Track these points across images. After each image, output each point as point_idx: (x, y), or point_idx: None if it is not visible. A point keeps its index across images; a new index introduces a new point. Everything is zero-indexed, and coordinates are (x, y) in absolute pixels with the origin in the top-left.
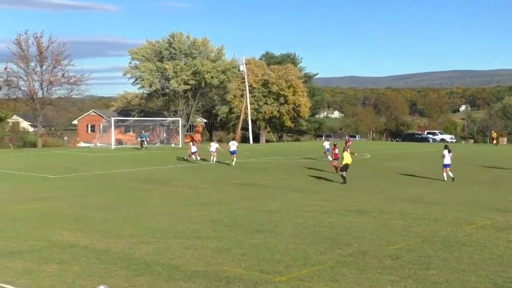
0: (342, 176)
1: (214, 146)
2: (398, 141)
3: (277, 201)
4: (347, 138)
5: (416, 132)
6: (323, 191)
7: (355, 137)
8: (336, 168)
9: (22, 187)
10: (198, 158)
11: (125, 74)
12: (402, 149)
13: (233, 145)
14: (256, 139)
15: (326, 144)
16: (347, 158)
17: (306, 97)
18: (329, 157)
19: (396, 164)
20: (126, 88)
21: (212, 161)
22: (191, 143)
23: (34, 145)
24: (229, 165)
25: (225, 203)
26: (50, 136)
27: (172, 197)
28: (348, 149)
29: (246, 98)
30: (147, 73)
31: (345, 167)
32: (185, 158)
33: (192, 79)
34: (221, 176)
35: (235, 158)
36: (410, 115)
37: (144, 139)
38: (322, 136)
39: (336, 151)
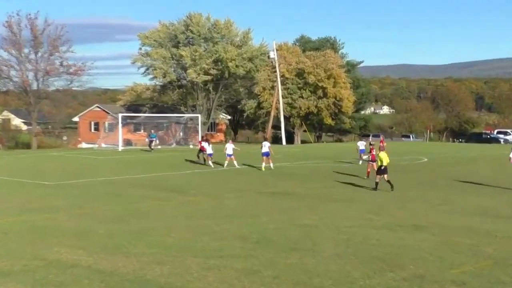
0: (377, 182)
1: (230, 147)
2: (461, 142)
3: (315, 213)
4: (381, 137)
5: (483, 131)
6: (370, 201)
7: (409, 137)
8: (369, 173)
9: (13, 195)
10: (210, 162)
11: (134, 63)
12: (467, 152)
13: (265, 146)
14: (290, 139)
15: (361, 145)
16: (384, 158)
17: (349, 89)
18: (365, 157)
19: (459, 169)
20: (135, 79)
21: (234, 165)
22: (206, 143)
23: (27, 146)
24: (265, 167)
25: (254, 215)
26: (46, 136)
27: (190, 208)
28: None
29: (278, 90)
30: (160, 61)
31: (382, 170)
32: (203, 162)
33: (213, 68)
34: (249, 184)
35: (270, 163)
36: (476, 111)
37: (153, 139)
38: (368, 136)
39: (374, 152)
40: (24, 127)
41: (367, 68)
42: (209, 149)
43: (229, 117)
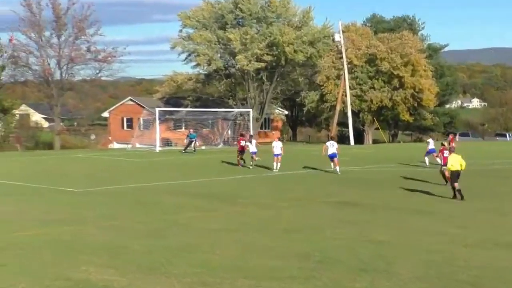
0: (453, 188)
1: (278, 146)
2: None
3: (390, 227)
4: (450, 137)
5: None
6: (457, 213)
7: (505, 136)
8: (447, 177)
9: (33, 204)
10: (252, 162)
11: (173, 48)
12: None
13: (332, 147)
14: (359, 138)
15: (431, 143)
16: (455, 162)
17: (431, 78)
18: (438, 159)
19: None
20: (175, 67)
21: (276, 168)
22: (249, 143)
23: (49, 146)
24: (331, 171)
25: (315, 229)
26: (71, 134)
27: (238, 220)
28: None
29: (345, 80)
30: (205, 45)
31: (455, 176)
32: (251, 164)
33: (267, 54)
34: (309, 191)
35: (337, 167)
36: None
37: (193, 140)
38: (455, 134)
39: (446, 153)
40: (45, 124)
41: (453, 53)
42: (252, 147)
43: (286, 112)
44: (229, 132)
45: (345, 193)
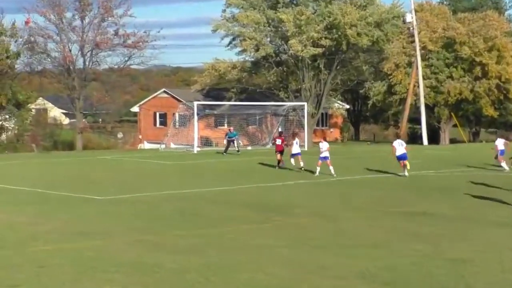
0: None
1: (325, 147)
2: None
3: (470, 243)
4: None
5: None
6: None
7: None
8: None
9: (52, 214)
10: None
11: (215, 31)
12: None
13: (401, 146)
14: (434, 137)
15: (500, 144)
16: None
17: None
18: (503, 165)
19: None
20: (217, 53)
21: (316, 172)
22: (295, 142)
23: (70, 146)
24: (401, 175)
25: (382, 244)
26: (95, 132)
27: (292, 234)
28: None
29: (417, 68)
30: (252, 28)
31: None
32: (278, 165)
33: (325, 38)
34: (374, 200)
35: (406, 170)
36: None
37: (234, 138)
38: None
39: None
40: (66, 121)
41: None
42: (296, 147)
43: (347, 107)
44: (280, 129)
45: (417, 201)
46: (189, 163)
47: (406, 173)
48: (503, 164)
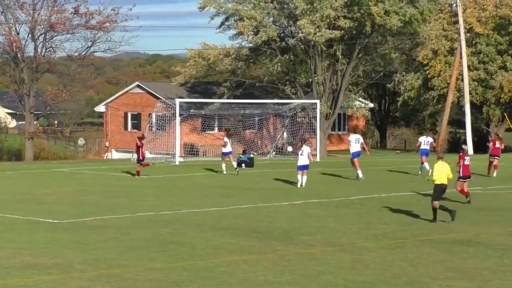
0: (439, 208)
1: (306, 150)
2: None
3: None
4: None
5: None
6: None
7: None
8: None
9: None
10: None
11: (203, 8)
12: None
13: (357, 144)
14: (482, 144)
15: None
16: (439, 173)
17: None
18: None
19: None
20: (205, 37)
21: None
22: (300, 151)
23: (17, 156)
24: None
25: (413, 283)
26: (50, 138)
27: (299, 268)
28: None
29: (461, 56)
30: (250, 4)
31: (437, 191)
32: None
33: (345, 17)
34: (405, 224)
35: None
36: None
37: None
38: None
39: (466, 161)
40: (12, 123)
41: None
42: (303, 158)
43: (371, 105)
44: (285, 135)
45: (458, 227)
46: (170, 177)
47: (360, 175)
48: None
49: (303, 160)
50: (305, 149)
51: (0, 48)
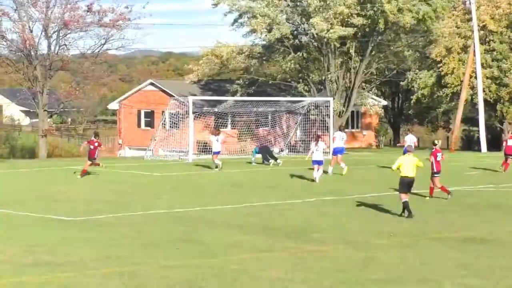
0: (403, 203)
1: (321, 146)
2: None
3: None
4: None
5: None
6: None
7: None
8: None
9: (8, 240)
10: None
11: (216, 5)
12: None
13: (341, 141)
14: (495, 142)
15: None
16: (405, 166)
17: None
18: None
19: None
20: (219, 35)
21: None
22: (314, 146)
23: (30, 153)
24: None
25: (426, 280)
26: (63, 136)
27: (312, 266)
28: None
29: (474, 54)
30: (264, 2)
31: (404, 184)
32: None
33: (358, 15)
34: (419, 222)
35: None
36: None
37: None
38: None
39: (439, 157)
40: (25, 121)
41: None
42: (318, 153)
43: (385, 103)
44: (298, 132)
45: (472, 224)
46: (183, 174)
47: (330, 172)
48: None
49: (318, 155)
50: (321, 144)
51: (14, 46)
